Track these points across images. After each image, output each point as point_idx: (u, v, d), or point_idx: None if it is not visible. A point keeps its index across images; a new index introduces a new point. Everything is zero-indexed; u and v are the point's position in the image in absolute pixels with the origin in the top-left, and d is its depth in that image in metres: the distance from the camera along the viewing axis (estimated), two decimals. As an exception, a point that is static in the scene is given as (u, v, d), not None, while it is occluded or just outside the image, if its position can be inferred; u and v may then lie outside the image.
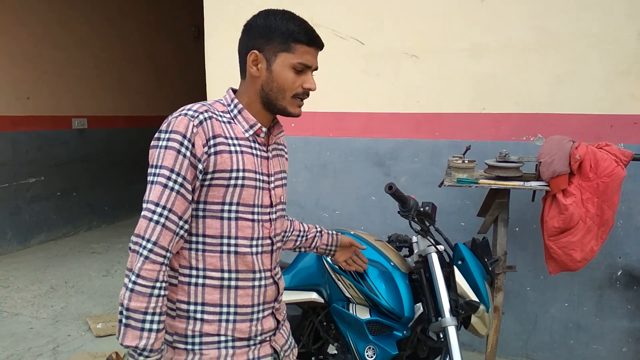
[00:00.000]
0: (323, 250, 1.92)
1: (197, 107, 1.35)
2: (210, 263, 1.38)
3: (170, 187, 1.28)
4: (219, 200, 1.35)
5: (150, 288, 1.26)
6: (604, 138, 2.88)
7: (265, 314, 1.49)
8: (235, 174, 1.35)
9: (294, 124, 3.64)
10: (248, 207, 1.39)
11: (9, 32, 5.50)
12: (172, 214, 1.29)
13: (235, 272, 1.40)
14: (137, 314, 1.26)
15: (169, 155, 1.28)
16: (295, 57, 1.38)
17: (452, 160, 2.70)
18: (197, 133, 1.30)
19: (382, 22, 3.38)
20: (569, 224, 2.50)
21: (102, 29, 6.75)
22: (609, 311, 3.14)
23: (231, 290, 1.40)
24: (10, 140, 5.63)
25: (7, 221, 5.65)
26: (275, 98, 1.40)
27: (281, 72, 1.38)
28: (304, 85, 1.41)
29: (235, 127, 1.40)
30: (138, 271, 1.26)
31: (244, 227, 1.39)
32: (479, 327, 1.96)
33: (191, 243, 1.38)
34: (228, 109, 1.43)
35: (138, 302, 1.26)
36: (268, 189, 1.46)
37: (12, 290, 4.57)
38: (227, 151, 1.34)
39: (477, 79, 3.21)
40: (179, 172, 1.28)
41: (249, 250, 1.40)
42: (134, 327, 1.26)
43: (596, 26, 2.96)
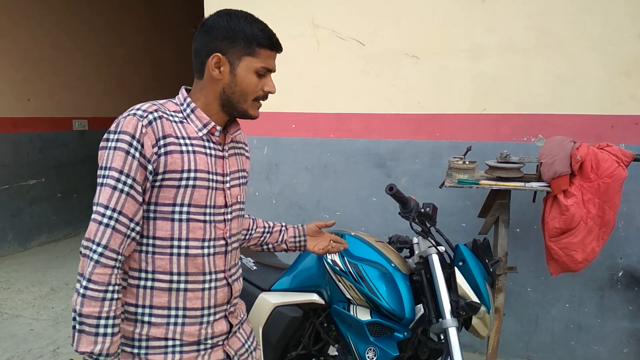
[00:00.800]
0: (292, 244, 1.90)
1: (146, 106, 1.33)
2: (159, 266, 1.36)
3: (119, 189, 1.27)
4: (170, 201, 1.33)
5: (103, 292, 1.25)
6: (605, 139, 2.88)
7: (217, 317, 1.46)
8: (187, 174, 1.33)
9: (294, 125, 3.65)
10: (199, 207, 1.37)
11: (8, 34, 5.50)
12: (122, 216, 1.27)
13: (185, 275, 1.38)
14: (90, 319, 1.25)
15: (117, 156, 1.27)
16: (259, 62, 1.38)
17: (453, 161, 2.70)
18: (146, 133, 1.28)
19: (382, 23, 3.38)
20: (570, 224, 2.50)
21: (101, 30, 6.76)
22: (610, 312, 3.13)
23: (180, 293, 1.38)
24: (11, 142, 5.63)
25: (8, 223, 5.65)
26: (237, 101, 1.40)
27: (245, 76, 1.38)
28: (265, 88, 1.41)
29: (188, 126, 1.38)
30: (89, 276, 1.25)
31: (195, 229, 1.37)
32: (480, 328, 1.96)
33: (141, 245, 1.36)
34: (181, 108, 1.41)
35: (91, 307, 1.25)
36: (223, 189, 1.44)
37: (12, 292, 4.57)
38: (178, 151, 1.32)
39: (478, 80, 3.21)
40: (128, 173, 1.27)
41: (200, 251, 1.39)
42: (88, 332, 1.25)
43: (597, 27, 2.96)
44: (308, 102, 3.62)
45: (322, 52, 3.53)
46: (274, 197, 3.76)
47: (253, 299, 2.32)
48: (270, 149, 3.73)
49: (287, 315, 2.23)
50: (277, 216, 3.69)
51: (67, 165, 6.31)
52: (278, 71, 1.45)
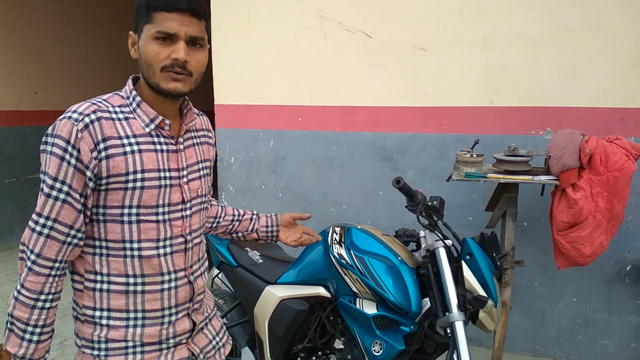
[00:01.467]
0: (264, 233, 1.84)
1: (83, 107, 1.25)
2: (114, 268, 1.30)
3: (54, 196, 1.21)
4: (118, 204, 1.27)
5: (34, 300, 1.23)
6: (614, 132, 2.85)
7: (179, 316, 1.41)
8: (133, 176, 1.25)
9: (300, 118, 3.64)
10: (150, 208, 1.30)
11: (16, 27, 5.51)
12: (58, 224, 1.22)
13: (141, 277, 1.32)
14: (19, 323, 1.24)
15: (52, 162, 1.20)
16: (155, 26, 1.23)
17: (461, 154, 2.68)
18: (82, 138, 1.20)
19: (390, 15, 3.35)
20: (578, 218, 2.48)
21: (108, 23, 6.75)
22: (618, 306, 3.11)
23: (137, 295, 1.33)
24: (18, 135, 5.65)
25: (15, 215, 5.69)
26: (147, 76, 1.27)
27: (144, 45, 1.25)
28: (172, 55, 1.24)
29: (134, 122, 1.29)
30: (22, 281, 1.23)
31: (147, 230, 1.31)
32: (487, 322, 1.95)
33: (95, 247, 1.31)
34: (127, 102, 1.32)
35: (21, 312, 1.24)
36: (179, 185, 1.35)
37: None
38: (120, 153, 1.24)
39: (486, 72, 3.18)
40: (63, 180, 1.20)
41: (154, 252, 1.32)
42: (16, 334, 1.25)
43: (608, 18, 2.93)
44: (315, 94, 3.60)
45: (329, 45, 3.50)
46: (280, 190, 3.76)
47: (259, 292, 2.32)
48: (277, 142, 3.72)
49: (293, 308, 2.22)
50: (282, 209, 3.68)
51: (74, 158, 6.33)
52: (284, 64, 1.39)
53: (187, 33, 1.25)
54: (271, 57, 3.56)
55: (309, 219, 1.92)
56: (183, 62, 1.25)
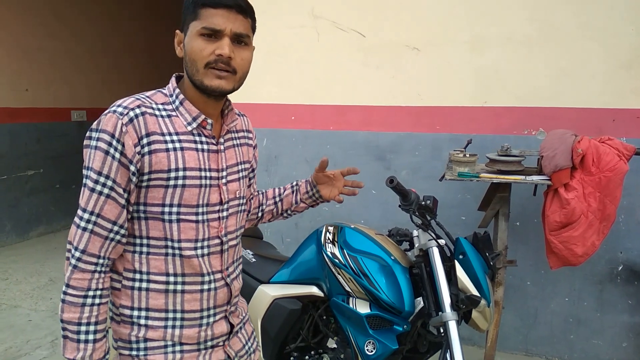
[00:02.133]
0: (308, 198, 1.79)
1: (128, 102, 1.23)
2: (154, 266, 1.29)
3: (98, 191, 1.20)
4: (159, 201, 1.26)
5: (82, 297, 1.21)
6: (606, 132, 2.86)
7: (217, 318, 1.40)
8: (174, 173, 1.24)
9: (294, 117, 3.63)
10: (191, 207, 1.29)
11: (6, 24, 5.46)
12: (102, 219, 1.21)
13: (182, 276, 1.31)
14: (71, 326, 1.21)
15: (97, 156, 1.19)
16: (200, 22, 1.23)
17: (454, 154, 2.68)
18: (127, 132, 1.19)
19: (383, 15, 3.35)
20: (570, 218, 2.49)
21: (99, 20, 6.72)
22: (610, 306, 3.13)
23: (177, 295, 1.31)
24: (9, 133, 5.60)
25: (6, 213, 5.64)
26: (191, 73, 1.26)
27: (189, 42, 1.25)
28: (216, 51, 1.23)
29: (177, 120, 1.28)
30: (68, 281, 1.21)
31: (186, 229, 1.29)
32: (480, 321, 1.95)
33: (135, 245, 1.29)
34: (170, 100, 1.31)
35: (70, 313, 1.21)
36: (218, 186, 1.34)
37: (10, 282, 4.56)
38: (163, 149, 1.23)
39: (479, 72, 3.19)
40: (107, 174, 1.19)
41: (193, 252, 1.31)
42: (71, 339, 1.21)
43: (599, 20, 2.94)
44: (308, 93, 3.60)
45: (322, 44, 3.50)
46: (273, 189, 3.74)
47: (252, 291, 2.32)
48: (270, 141, 3.71)
49: (286, 307, 2.22)
50: (276, 208, 3.68)
51: (66, 156, 6.29)
52: (277, 62, 1.38)
53: (232, 30, 1.24)
54: (264, 55, 3.54)
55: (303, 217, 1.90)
56: (227, 59, 1.24)
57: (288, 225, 3.68)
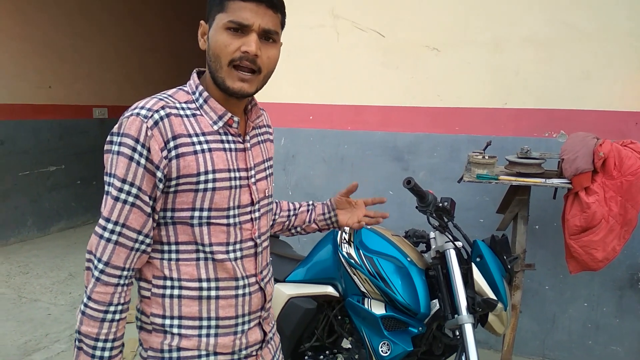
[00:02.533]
0: (323, 221, 1.69)
1: (151, 103, 1.16)
2: (186, 272, 1.22)
3: (122, 199, 1.13)
4: (189, 206, 1.19)
5: (103, 313, 1.16)
6: (628, 136, 2.81)
7: (252, 325, 1.33)
8: (204, 176, 1.17)
9: (312, 117, 3.63)
10: (222, 211, 1.22)
11: (32, 20, 5.56)
12: (127, 229, 1.14)
13: (215, 281, 1.24)
14: (88, 339, 1.16)
15: (120, 162, 1.12)
16: (228, 15, 1.14)
17: (472, 156, 2.66)
18: (153, 136, 1.12)
19: (402, 15, 3.34)
20: (591, 222, 2.45)
21: (123, 17, 6.79)
22: (629, 312, 3.08)
23: (211, 302, 1.24)
24: (32, 129, 5.70)
25: (28, 208, 5.74)
26: (214, 69, 1.18)
27: (214, 35, 1.16)
28: (242, 47, 1.15)
29: (202, 119, 1.21)
30: (90, 293, 1.16)
31: (217, 233, 1.23)
32: (496, 325, 1.93)
33: (163, 252, 1.22)
34: (193, 98, 1.23)
35: (89, 327, 1.16)
36: (248, 186, 1.28)
37: (31, 276, 4.64)
38: (192, 152, 1.16)
39: (499, 73, 3.16)
40: (132, 182, 1.13)
41: (226, 256, 1.24)
42: (85, 351, 1.17)
43: (622, 21, 2.89)
44: (326, 93, 3.60)
45: (341, 43, 3.50)
46: (290, 189, 3.75)
47: (267, 290, 2.32)
48: (288, 140, 3.72)
49: (301, 306, 2.22)
50: (293, 207, 3.69)
51: (87, 152, 6.37)
52: (296, 62, 1.32)
53: (260, 25, 1.16)
54: (283, 54, 3.52)
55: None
56: (253, 56, 1.16)
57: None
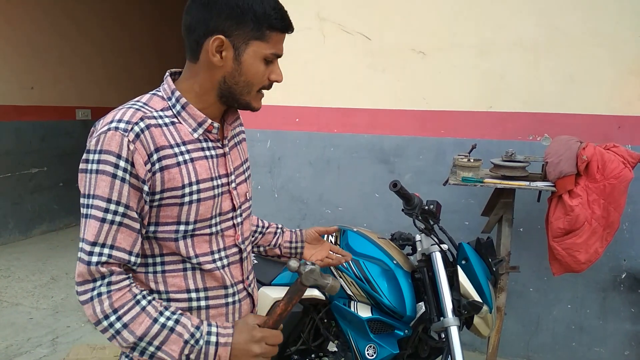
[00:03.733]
0: (287, 249, 1.65)
1: (128, 115, 1.09)
2: (173, 284, 1.18)
3: (109, 220, 1.07)
4: (173, 220, 1.15)
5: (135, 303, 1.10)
6: (611, 139, 2.85)
7: None
8: (189, 188, 1.13)
9: (298, 119, 3.63)
10: (205, 221, 1.19)
11: (14, 21, 5.49)
12: (116, 250, 1.08)
13: (204, 291, 1.21)
14: (153, 328, 1.09)
15: (101, 181, 1.06)
16: (269, 47, 1.16)
17: (458, 159, 2.68)
18: (136, 150, 1.06)
19: (389, 18, 3.35)
20: (574, 225, 2.48)
21: (107, 19, 6.74)
22: (612, 314, 3.11)
23: (201, 312, 1.21)
24: (14, 130, 5.62)
25: (9, 211, 5.65)
26: (240, 92, 1.18)
27: (252, 64, 1.16)
28: (271, 76, 1.20)
29: (181, 127, 1.16)
30: (111, 307, 1.08)
31: (200, 243, 1.19)
32: (482, 327, 1.95)
33: (148, 266, 1.17)
34: (169, 104, 1.18)
35: (141, 326, 1.09)
36: (229, 192, 1.24)
37: (12, 280, 4.57)
38: (175, 164, 1.12)
39: (485, 77, 3.18)
40: (118, 200, 1.06)
41: (213, 265, 1.21)
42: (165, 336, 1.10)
43: (607, 26, 2.93)
44: (313, 96, 3.59)
45: (328, 46, 3.50)
46: (276, 191, 3.74)
47: (253, 293, 2.31)
48: (274, 143, 3.71)
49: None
50: (279, 210, 3.68)
51: (70, 154, 6.30)
52: (282, 65, 1.29)
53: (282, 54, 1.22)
54: (270, 57, 3.54)
55: (305, 219, 1.89)
56: None
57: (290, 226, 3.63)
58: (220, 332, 1.13)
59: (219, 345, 1.12)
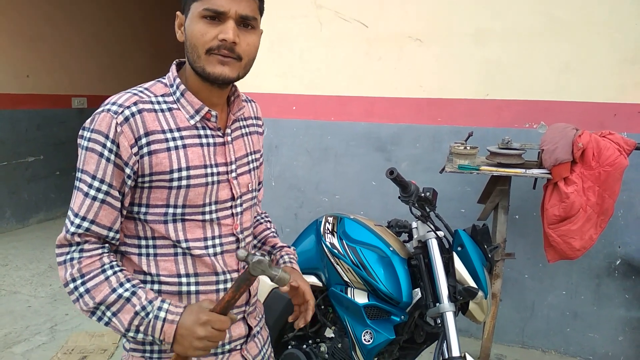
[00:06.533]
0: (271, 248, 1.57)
1: (124, 99, 1.14)
2: (164, 268, 1.21)
3: (92, 196, 1.12)
4: (162, 202, 1.17)
5: (102, 272, 1.14)
6: (607, 127, 2.86)
7: None
8: (177, 174, 1.15)
9: (295, 107, 3.62)
10: (196, 207, 1.20)
11: (8, 10, 5.43)
12: (96, 225, 1.13)
13: (195, 276, 1.23)
14: (110, 296, 1.12)
15: (90, 159, 1.12)
16: (202, 3, 1.11)
17: (454, 147, 2.68)
18: (123, 132, 1.10)
19: (386, 5, 3.34)
20: (569, 212, 2.49)
21: (102, 6, 6.68)
22: (606, 300, 3.14)
23: (191, 297, 1.23)
24: (10, 119, 5.59)
25: (6, 200, 5.65)
26: (192, 59, 1.15)
27: (190, 25, 1.14)
28: (219, 35, 1.12)
29: (178, 113, 1.18)
30: (79, 272, 1.14)
31: (192, 228, 1.21)
32: (477, 313, 1.96)
33: (140, 247, 1.21)
34: (170, 91, 1.21)
35: (100, 293, 1.12)
36: (227, 181, 1.25)
37: (10, 268, 4.58)
38: (164, 149, 1.14)
39: (482, 65, 3.18)
40: (102, 178, 1.12)
41: (204, 251, 1.22)
42: (119, 307, 1.13)
43: (603, 14, 2.93)
44: (309, 84, 3.59)
45: (324, 34, 3.49)
46: (273, 180, 3.75)
47: (251, 280, 2.32)
48: (271, 131, 3.71)
49: (284, 297, 2.22)
50: (276, 198, 3.69)
51: (66, 143, 6.28)
52: (279, 53, 1.28)
53: (237, 12, 1.12)
54: (266, 44, 3.51)
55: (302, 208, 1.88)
56: (231, 44, 1.13)
57: (287, 215, 3.69)
58: (170, 310, 1.13)
59: (166, 321, 1.12)
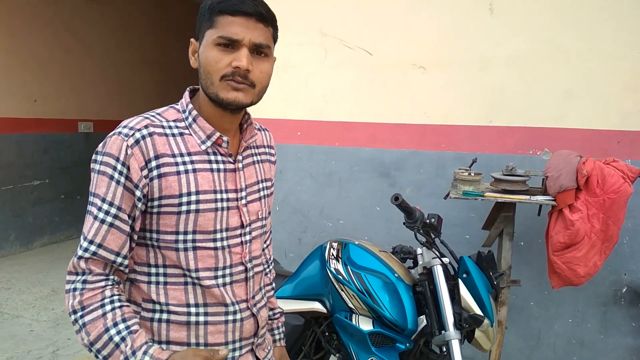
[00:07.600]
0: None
1: (135, 122, 1.15)
2: (173, 297, 1.20)
3: (100, 219, 1.13)
4: (172, 229, 1.17)
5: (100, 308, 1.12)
6: (611, 154, 2.86)
7: (243, 352, 1.29)
8: (186, 198, 1.16)
9: (300, 132, 3.65)
10: (208, 234, 1.20)
11: (19, 34, 5.54)
12: (104, 250, 1.13)
13: (204, 306, 1.21)
14: (103, 336, 1.10)
15: (101, 181, 1.13)
16: (217, 31, 1.13)
17: (459, 173, 2.69)
18: (133, 154, 1.11)
19: (390, 33, 3.39)
20: (574, 239, 2.48)
21: (111, 31, 6.80)
22: (613, 328, 3.11)
23: (200, 327, 1.21)
24: (16, 142, 5.65)
25: (11, 223, 5.66)
26: (206, 86, 1.17)
27: (204, 52, 1.16)
28: (233, 63, 1.13)
29: (190, 138, 1.19)
30: (80, 304, 1.13)
31: (204, 257, 1.20)
32: (483, 341, 1.95)
33: (150, 275, 1.20)
34: (183, 116, 1.22)
35: (95, 330, 1.11)
36: (237, 207, 1.25)
37: (13, 292, 4.57)
38: (174, 172, 1.15)
39: (485, 92, 3.21)
40: (111, 201, 1.12)
41: (214, 282, 1.21)
42: (109, 351, 1.11)
43: (605, 42, 2.96)
44: (314, 109, 3.62)
45: (329, 61, 3.53)
46: (278, 204, 3.76)
47: (255, 306, 2.31)
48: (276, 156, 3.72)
49: (289, 323, 2.21)
50: (280, 223, 3.69)
51: (72, 167, 6.33)
52: (284, 79, 1.30)
53: (251, 40, 1.14)
54: (272, 71, 3.57)
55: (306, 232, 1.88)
56: (245, 71, 1.14)
57: (291, 240, 3.69)
58: (154, 355, 1.10)
59: None
